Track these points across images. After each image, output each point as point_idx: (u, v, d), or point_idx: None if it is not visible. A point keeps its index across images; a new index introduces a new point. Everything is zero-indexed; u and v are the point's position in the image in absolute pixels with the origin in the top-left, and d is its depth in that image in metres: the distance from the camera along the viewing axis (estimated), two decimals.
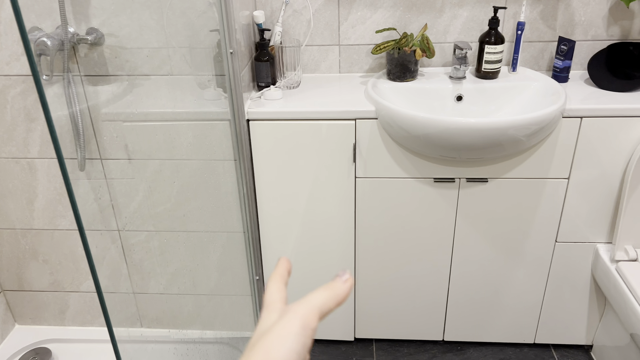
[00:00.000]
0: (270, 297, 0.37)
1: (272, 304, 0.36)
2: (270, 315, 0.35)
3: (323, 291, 0.35)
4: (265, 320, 0.34)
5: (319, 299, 0.34)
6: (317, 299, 0.34)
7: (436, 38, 1.56)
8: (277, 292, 0.38)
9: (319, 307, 0.33)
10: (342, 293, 0.35)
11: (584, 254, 1.51)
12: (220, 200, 1.47)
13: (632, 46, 1.50)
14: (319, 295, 0.34)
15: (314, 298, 0.34)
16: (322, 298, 0.34)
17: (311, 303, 0.33)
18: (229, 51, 1.26)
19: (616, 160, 1.37)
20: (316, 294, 0.34)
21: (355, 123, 1.37)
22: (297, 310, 0.33)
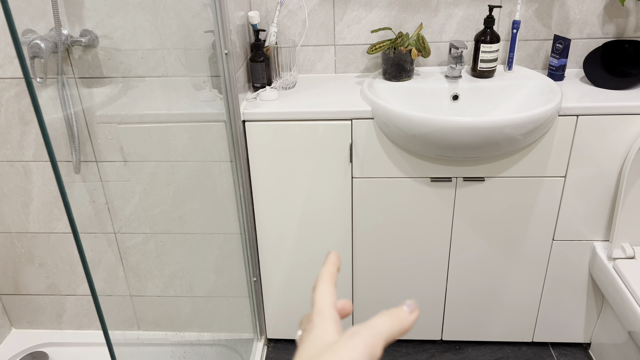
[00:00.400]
0: (322, 302, 0.35)
1: (325, 309, 0.34)
2: (326, 325, 0.33)
3: (390, 319, 0.33)
4: (322, 330, 0.32)
5: (386, 326, 0.32)
6: (384, 327, 0.32)
7: (432, 37, 1.56)
8: (328, 296, 0.35)
9: (386, 335, 0.32)
10: (408, 324, 0.33)
11: (581, 252, 1.51)
12: (216, 202, 1.47)
13: (627, 44, 1.50)
14: (386, 323, 0.32)
15: (382, 325, 0.32)
16: (387, 325, 0.32)
17: (378, 330, 0.31)
18: (224, 52, 1.26)
19: (612, 158, 1.37)
20: (383, 321, 0.32)
21: (352, 123, 1.37)
22: (365, 336, 0.31)
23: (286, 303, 1.65)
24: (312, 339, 0.32)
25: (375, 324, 0.32)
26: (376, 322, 0.32)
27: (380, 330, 0.31)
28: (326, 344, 0.31)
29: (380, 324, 0.32)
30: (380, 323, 0.32)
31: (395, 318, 0.33)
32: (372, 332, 0.31)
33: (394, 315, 0.33)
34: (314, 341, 0.32)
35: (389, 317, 0.33)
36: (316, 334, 0.32)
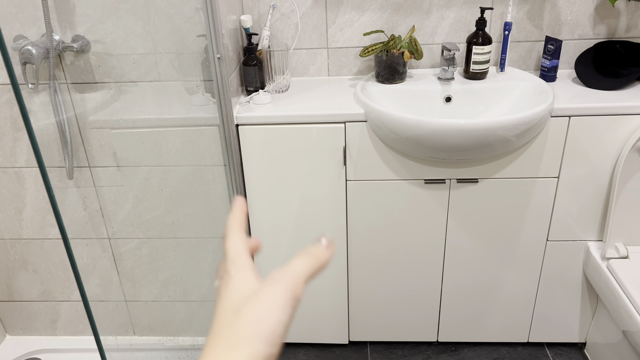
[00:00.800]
0: (236, 250, 0.35)
1: (239, 257, 0.34)
2: (244, 273, 0.33)
3: (306, 258, 0.33)
4: (241, 279, 0.32)
5: (303, 266, 0.32)
6: (301, 267, 0.32)
7: (424, 39, 1.57)
8: (240, 243, 0.35)
9: (304, 275, 0.32)
10: (324, 259, 0.34)
11: (575, 252, 1.52)
12: (210, 206, 1.47)
13: (618, 44, 1.51)
14: (305, 263, 0.33)
15: (300, 266, 0.32)
16: (306, 265, 0.32)
17: (297, 272, 0.32)
18: (217, 56, 1.26)
19: (605, 158, 1.38)
20: (299, 262, 0.33)
21: (345, 126, 1.37)
22: (285, 280, 0.31)
23: None
24: (232, 289, 0.32)
25: (294, 266, 0.32)
26: (295, 264, 0.32)
27: (299, 272, 0.32)
28: (248, 292, 0.31)
29: (299, 265, 0.32)
30: (299, 264, 0.32)
31: (313, 256, 0.33)
32: (292, 275, 0.31)
33: (311, 254, 0.33)
34: (235, 291, 0.32)
35: (306, 256, 0.33)
36: (235, 283, 0.32)
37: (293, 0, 1.54)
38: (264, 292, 0.30)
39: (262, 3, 1.54)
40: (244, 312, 0.30)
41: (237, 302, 0.31)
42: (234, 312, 0.30)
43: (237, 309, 0.30)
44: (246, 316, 0.29)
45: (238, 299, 0.31)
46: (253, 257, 0.37)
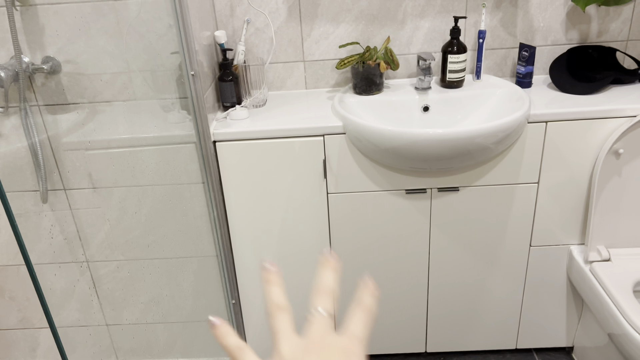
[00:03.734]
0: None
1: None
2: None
3: (360, 316, 0.35)
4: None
5: (361, 328, 0.34)
6: (360, 330, 0.34)
7: (399, 50, 1.57)
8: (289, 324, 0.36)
9: (365, 337, 0.34)
10: (373, 308, 0.35)
11: (558, 257, 1.52)
12: (189, 225, 1.44)
13: (591, 49, 1.52)
14: (360, 324, 0.34)
15: (358, 329, 0.34)
16: (363, 325, 0.34)
17: (360, 338, 0.34)
18: (191, 73, 1.24)
19: (583, 162, 1.39)
20: (356, 323, 0.34)
21: (324, 139, 1.36)
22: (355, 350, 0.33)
23: (267, 324, 1.62)
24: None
25: (354, 330, 0.34)
26: (353, 328, 0.34)
27: (361, 337, 0.34)
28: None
29: (357, 327, 0.34)
30: (357, 326, 0.34)
31: (364, 311, 0.35)
32: (358, 342, 0.33)
33: (361, 308, 0.35)
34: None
35: (359, 313, 0.35)
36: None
37: (267, 15, 1.53)
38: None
39: (236, 18, 1.53)
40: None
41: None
42: None
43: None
44: None
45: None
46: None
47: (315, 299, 0.36)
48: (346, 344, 0.33)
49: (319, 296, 0.36)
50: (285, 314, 0.35)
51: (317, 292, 0.36)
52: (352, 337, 0.33)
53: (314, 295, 0.36)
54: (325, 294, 0.36)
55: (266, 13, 1.53)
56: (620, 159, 1.37)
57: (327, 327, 0.34)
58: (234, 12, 1.53)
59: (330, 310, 0.35)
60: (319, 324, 0.34)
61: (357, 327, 0.34)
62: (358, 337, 0.33)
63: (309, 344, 0.33)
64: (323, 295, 0.36)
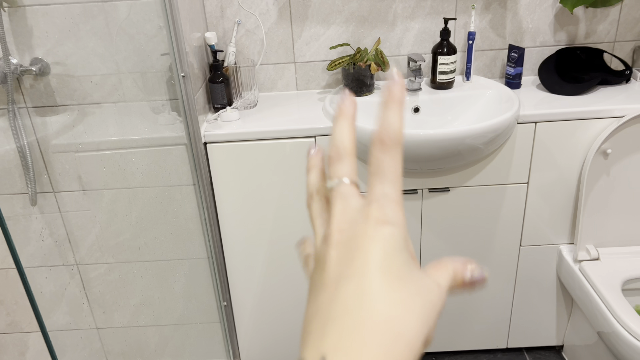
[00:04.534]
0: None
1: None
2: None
3: (387, 162, 0.26)
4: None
5: (390, 182, 0.26)
6: (390, 187, 0.26)
7: (390, 51, 1.57)
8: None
9: (398, 191, 0.26)
10: (400, 137, 0.27)
11: (548, 256, 1.53)
12: (180, 227, 1.44)
13: (578, 50, 1.54)
14: (388, 177, 0.26)
15: (387, 187, 0.25)
16: (392, 176, 0.26)
17: (391, 197, 0.25)
18: (181, 74, 1.24)
19: (572, 162, 1.40)
20: (382, 178, 0.26)
21: (315, 140, 1.36)
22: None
23: (259, 326, 1.62)
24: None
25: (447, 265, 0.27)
26: (386, 189, 0.26)
27: (397, 190, 0.26)
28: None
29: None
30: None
31: (395, 148, 0.26)
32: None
33: (390, 148, 0.26)
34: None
35: (389, 159, 0.26)
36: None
37: (258, 16, 1.53)
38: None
39: (227, 19, 1.53)
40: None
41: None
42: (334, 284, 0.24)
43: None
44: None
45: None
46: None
47: (333, 166, 0.28)
48: (374, 214, 0.25)
49: (338, 162, 0.28)
50: (319, 200, 0.29)
51: (333, 156, 0.28)
52: (381, 200, 0.25)
53: (331, 162, 0.28)
54: (342, 157, 0.28)
55: (257, 14, 1.53)
56: (608, 159, 1.39)
57: (351, 198, 0.27)
58: (224, 14, 1.53)
59: (352, 176, 0.27)
60: (341, 199, 0.27)
61: (382, 182, 0.26)
62: (386, 195, 0.25)
63: (330, 231, 0.26)
64: (339, 158, 0.28)
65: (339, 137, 0.28)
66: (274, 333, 1.63)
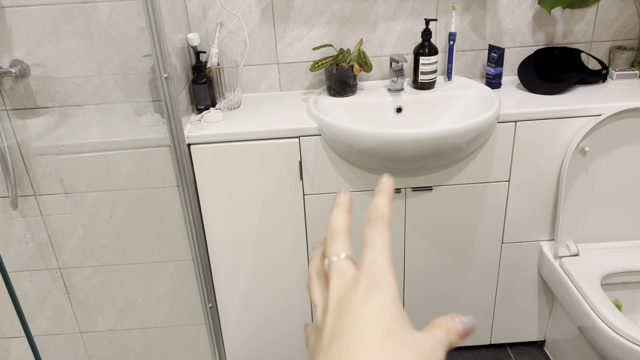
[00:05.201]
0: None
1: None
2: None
3: (374, 233, 0.29)
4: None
5: (378, 249, 0.29)
6: (379, 253, 0.29)
7: (372, 52, 1.59)
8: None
9: (387, 257, 0.29)
10: (388, 213, 0.30)
11: (529, 253, 1.56)
12: (165, 229, 1.43)
13: (557, 50, 1.57)
14: (377, 243, 0.29)
15: (376, 254, 0.28)
16: (381, 243, 0.29)
17: (379, 262, 0.28)
18: (164, 76, 1.23)
19: (551, 160, 1.43)
20: (371, 245, 0.29)
21: (299, 140, 1.37)
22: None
23: (245, 327, 1.62)
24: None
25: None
26: (376, 255, 0.29)
27: (385, 256, 0.29)
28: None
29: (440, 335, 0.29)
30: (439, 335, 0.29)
31: (383, 222, 0.30)
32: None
33: (379, 222, 0.30)
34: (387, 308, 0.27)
35: (377, 230, 0.30)
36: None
37: (240, 17, 1.53)
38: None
39: (209, 21, 1.53)
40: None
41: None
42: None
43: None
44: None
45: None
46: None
47: (329, 246, 0.31)
48: (365, 278, 0.27)
49: (331, 242, 0.31)
50: (317, 279, 0.32)
51: (329, 238, 0.31)
52: (369, 266, 0.28)
53: (327, 243, 0.31)
54: (337, 237, 0.31)
55: (239, 15, 1.53)
56: (586, 157, 1.42)
57: (344, 270, 0.30)
58: (206, 15, 1.53)
59: (347, 252, 0.30)
60: (337, 272, 0.30)
61: (371, 251, 0.29)
62: (375, 261, 0.28)
63: (329, 300, 0.29)
64: (335, 239, 0.31)
65: (335, 221, 0.32)
66: (260, 334, 1.64)
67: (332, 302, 0.28)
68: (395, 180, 1.41)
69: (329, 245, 0.31)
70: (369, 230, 0.30)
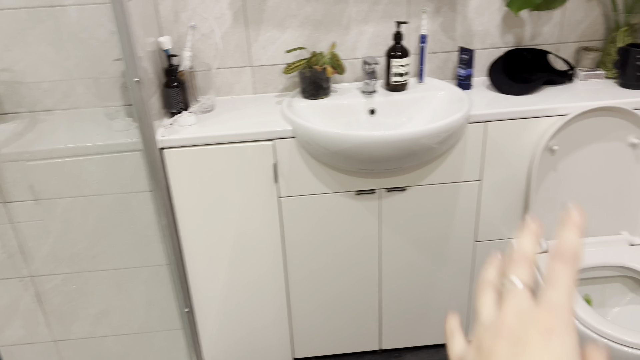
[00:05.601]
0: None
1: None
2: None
3: (560, 272, 0.29)
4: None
5: (562, 290, 0.29)
6: (561, 294, 0.29)
7: (345, 54, 1.60)
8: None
9: (569, 300, 0.29)
10: (578, 252, 0.30)
11: (502, 250, 1.58)
12: (138, 234, 1.42)
13: (525, 51, 1.60)
14: (561, 284, 0.29)
15: (558, 294, 0.28)
16: (564, 285, 0.29)
17: (561, 304, 0.28)
18: (135, 80, 1.22)
19: (521, 159, 1.46)
20: (555, 284, 0.29)
21: (274, 143, 1.37)
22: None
23: (223, 331, 1.61)
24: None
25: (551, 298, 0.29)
26: (557, 296, 0.29)
27: (568, 299, 0.29)
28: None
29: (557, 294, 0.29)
30: (556, 293, 0.29)
31: (571, 263, 0.30)
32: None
33: (567, 262, 0.30)
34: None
35: (563, 271, 0.29)
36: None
37: (213, 20, 1.53)
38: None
39: (181, 24, 1.52)
40: None
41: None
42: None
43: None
44: None
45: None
46: None
47: (512, 267, 0.31)
48: (546, 319, 0.28)
49: (516, 264, 0.31)
50: (489, 290, 0.32)
51: (514, 259, 0.32)
52: (552, 307, 0.28)
53: (511, 263, 0.32)
54: (522, 262, 0.31)
55: (211, 19, 1.52)
56: (555, 155, 1.45)
57: (522, 301, 0.30)
58: (178, 18, 1.52)
59: (528, 281, 0.31)
60: (514, 300, 0.30)
61: (557, 292, 0.28)
62: (559, 304, 0.28)
63: (499, 325, 0.29)
64: (520, 263, 0.31)
65: (525, 245, 0.32)
66: (238, 338, 1.63)
67: (505, 329, 0.29)
68: (370, 181, 1.43)
69: (513, 266, 0.32)
70: (558, 266, 0.29)
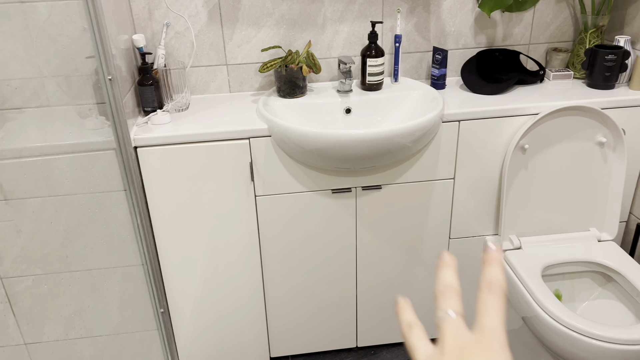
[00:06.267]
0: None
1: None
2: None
3: (490, 303, 0.33)
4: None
5: (494, 317, 0.33)
6: (494, 320, 0.33)
7: (321, 54, 1.61)
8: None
9: (501, 325, 0.33)
10: (503, 284, 0.34)
11: (475, 247, 1.62)
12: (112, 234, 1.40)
13: (497, 52, 1.63)
14: (492, 312, 0.33)
15: (491, 320, 0.33)
16: (495, 313, 0.33)
17: (495, 328, 0.32)
18: (108, 77, 1.21)
19: (494, 157, 1.49)
20: (487, 313, 0.33)
21: (250, 142, 1.37)
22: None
23: (199, 331, 1.60)
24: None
25: (488, 324, 0.32)
26: (486, 321, 0.32)
27: (497, 328, 0.32)
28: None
29: (492, 320, 0.33)
30: (491, 319, 0.33)
31: (497, 296, 0.34)
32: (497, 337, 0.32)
33: (493, 292, 0.34)
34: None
35: (492, 308, 0.33)
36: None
37: (187, 18, 1.51)
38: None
39: (155, 22, 1.51)
40: None
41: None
42: None
43: None
44: None
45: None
46: None
47: (441, 301, 0.35)
48: (483, 341, 0.32)
49: (444, 298, 0.35)
50: (416, 329, 0.36)
51: (442, 293, 0.35)
52: (488, 331, 0.32)
53: (439, 298, 0.35)
54: (450, 294, 0.35)
55: (186, 17, 1.51)
56: (526, 154, 1.48)
57: (459, 328, 0.33)
58: (152, 16, 1.50)
59: (459, 310, 0.34)
60: (451, 327, 0.33)
61: (490, 318, 0.32)
62: (493, 328, 0.32)
63: (445, 350, 0.32)
64: (448, 296, 0.35)
65: (447, 278, 0.36)
66: (214, 338, 1.62)
67: (448, 351, 0.32)
68: (346, 180, 1.44)
69: (442, 300, 0.35)
70: (489, 297, 0.34)
